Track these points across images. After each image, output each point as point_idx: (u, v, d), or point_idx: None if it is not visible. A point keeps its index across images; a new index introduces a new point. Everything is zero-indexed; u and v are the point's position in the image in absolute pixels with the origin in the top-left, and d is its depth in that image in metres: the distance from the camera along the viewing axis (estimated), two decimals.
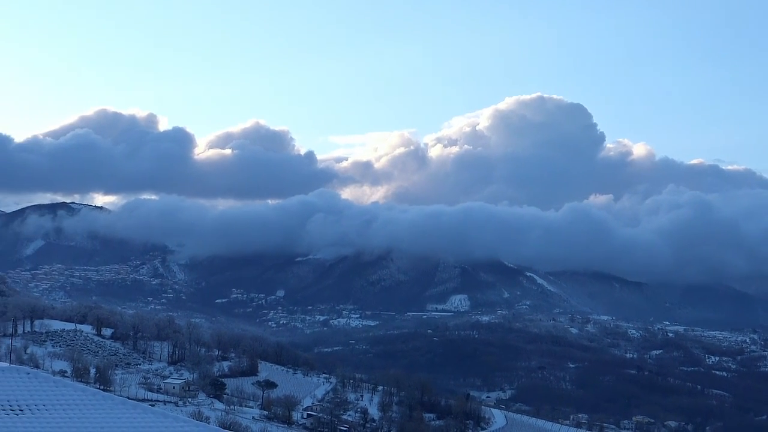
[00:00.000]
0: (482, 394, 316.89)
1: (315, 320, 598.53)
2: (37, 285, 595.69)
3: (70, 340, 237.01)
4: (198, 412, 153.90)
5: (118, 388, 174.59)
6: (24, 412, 24.39)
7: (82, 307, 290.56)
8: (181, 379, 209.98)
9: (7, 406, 24.47)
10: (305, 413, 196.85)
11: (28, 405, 24.79)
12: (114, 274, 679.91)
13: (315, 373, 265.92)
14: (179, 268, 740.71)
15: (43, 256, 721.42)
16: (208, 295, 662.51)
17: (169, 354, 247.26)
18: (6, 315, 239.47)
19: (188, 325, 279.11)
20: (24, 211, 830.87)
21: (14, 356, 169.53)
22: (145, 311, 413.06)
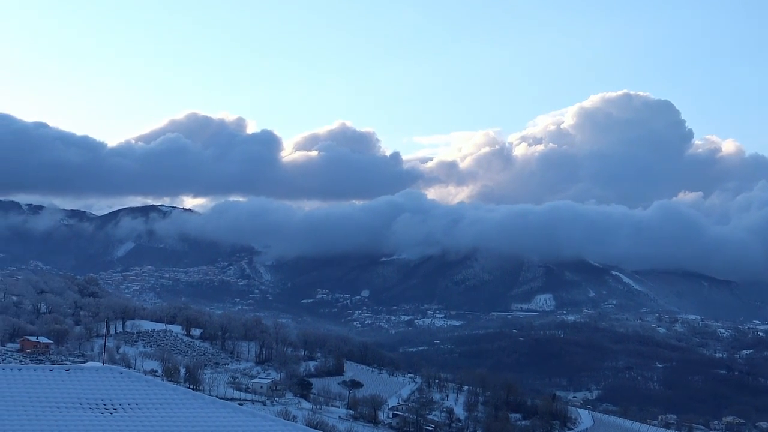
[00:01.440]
0: (568, 394, 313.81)
1: (400, 320, 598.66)
2: (128, 286, 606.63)
3: (160, 340, 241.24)
4: (285, 411, 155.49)
5: (207, 388, 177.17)
6: (117, 411, 25.10)
7: (171, 307, 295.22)
8: (269, 378, 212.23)
9: (101, 405, 25.20)
10: (391, 413, 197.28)
11: (122, 404, 25.51)
12: (202, 275, 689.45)
13: (400, 372, 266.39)
14: (265, 269, 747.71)
15: (133, 258, 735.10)
16: (294, 295, 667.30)
17: (257, 354, 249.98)
18: (99, 316, 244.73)
19: (275, 326, 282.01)
20: (116, 214, 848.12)
21: (107, 356, 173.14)
22: (233, 312, 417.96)
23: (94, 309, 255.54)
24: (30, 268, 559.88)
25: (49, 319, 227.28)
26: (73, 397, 25.33)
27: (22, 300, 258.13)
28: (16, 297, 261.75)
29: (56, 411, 24.44)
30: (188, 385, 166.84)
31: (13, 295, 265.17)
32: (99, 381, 26.52)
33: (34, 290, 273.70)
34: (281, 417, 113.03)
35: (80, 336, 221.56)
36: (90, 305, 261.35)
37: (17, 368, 26.89)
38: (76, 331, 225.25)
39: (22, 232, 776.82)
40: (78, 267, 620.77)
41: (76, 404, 24.98)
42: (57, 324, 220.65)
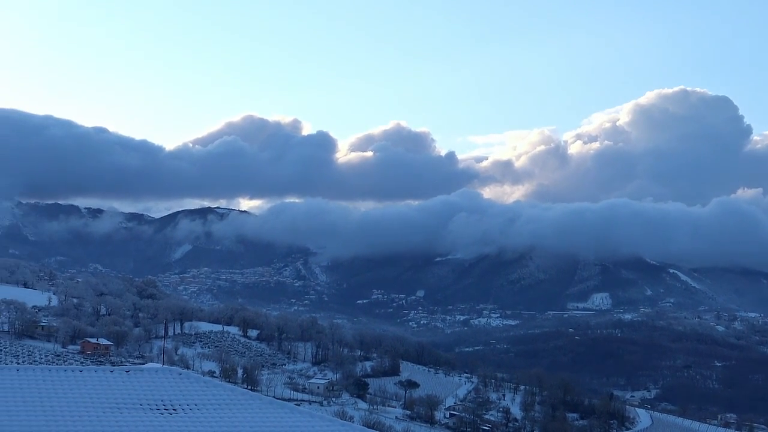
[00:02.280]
0: (626, 394, 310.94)
1: (455, 320, 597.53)
2: (186, 288, 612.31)
3: (217, 341, 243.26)
4: (342, 411, 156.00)
5: (264, 388, 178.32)
6: (177, 412, 25.40)
7: (228, 309, 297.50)
8: (325, 379, 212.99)
9: (161, 406, 25.52)
10: (448, 413, 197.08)
11: (181, 405, 25.81)
12: (258, 276, 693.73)
13: (456, 372, 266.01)
14: (321, 270, 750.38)
15: (190, 260, 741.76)
16: (350, 296, 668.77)
17: (313, 354, 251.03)
18: (157, 317, 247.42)
19: (331, 326, 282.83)
20: (174, 216, 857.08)
21: (166, 357, 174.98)
22: (289, 313, 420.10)
23: (152, 311, 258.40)
24: (90, 270, 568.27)
25: (108, 321, 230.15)
26: (133, 398, 25.67)
27: (82, 302, 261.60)
28: (77, 299, 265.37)
29: (117, 412, 24.79)
30: (246, 385, 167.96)
31: (74, 297, 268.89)
32: (158, 382, 26.85)
33: (94, 293, 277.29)
34: (338, 417, 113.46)
35: (139, 338, 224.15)
36: (149, 307, 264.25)
37: (78, 370, 27.28)
38: (135, 332, 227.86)
39: (82, 236, 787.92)
40: (136, 269, 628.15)
41: (136, 405, 25.31)
42: (116, 326, 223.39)
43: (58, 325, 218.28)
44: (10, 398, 24.49)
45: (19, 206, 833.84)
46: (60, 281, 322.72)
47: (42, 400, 24.72)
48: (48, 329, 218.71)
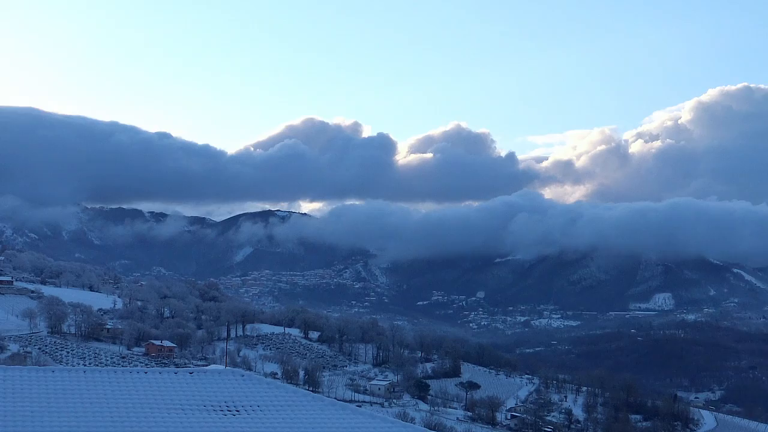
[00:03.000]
0: (690, 395, 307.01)
1: (516, 321, 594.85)
2: (247, 290, 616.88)
3: (279, 343, 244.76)
4: (403, 413, 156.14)
5: (326, 390, 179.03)
6: (240, 413, 25.68)
7: (289, 311, 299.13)
8: (386, 380, 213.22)
9: (224, 407, 25.82)
10: (509, 414, 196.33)
11: (244, 406, 26.08)
12: (319, 278, 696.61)
13: (517, 374, 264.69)
14: (381, 272, 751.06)
15: (252, 263, 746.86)
16: (410, 297, 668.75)
17: (374, 356, 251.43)
18: (220, 320, 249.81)
19: (391, 328, 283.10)
20: (235, 220, 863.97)
21: (228, 359, 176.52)
22: (349, 314, 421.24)
23: (215, 313, 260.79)
24: (153, 274, 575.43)
25: (172, 324, 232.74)
26: (197, 399, 25.97)
27: (146, 305, 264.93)
28: (141, 302, 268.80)
29: (181, 413, 25.10)
30: (307, 387, 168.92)
31: (138, 300, 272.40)
32: (221, 384, 27.14)
33: (157, 295, 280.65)
34: (399, 419, 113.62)
35: (202, 339, 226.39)
36: (211, 309, 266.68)
37: (143, 371, 27.65)
38: (198, 335, 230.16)
39: (146, 239, 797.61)
40: (199, 272, 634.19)
41: (200, 406, 25.60)
42: (180, 328, 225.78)
43: (123, 328, 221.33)
44: (77, 399, 24.93)
45: (85, 211, 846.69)
46: (124, 284, 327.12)
47: (108, 402, 25.11)
48: (113, 331, 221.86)
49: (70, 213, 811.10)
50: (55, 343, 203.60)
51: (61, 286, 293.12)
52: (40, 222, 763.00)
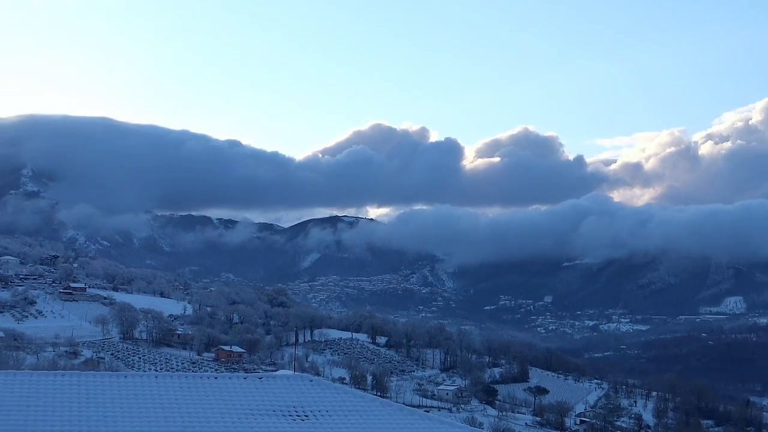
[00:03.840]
0: (763, 400, 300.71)
1: (584, 325, 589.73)
2: (315, 296, 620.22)
3: (347, 348, 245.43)
4: (471, 418, 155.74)
5: (394, 395, 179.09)
6: (309, 418, 25.86)
7: (357, 316, 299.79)
8: (454, 385, 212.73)
9: (293, 412, 26.02)
10: (578, 419, 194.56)
11: (312, 411, 26.26)
12: (386, 283, 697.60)
13: (586, 378, 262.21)
14: (448, 276, 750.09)
15: (319, 268, 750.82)
16: (477, 302, 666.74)
17: (441, 361, 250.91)
18: (288, 325, 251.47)
19: (458, 333, 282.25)
20: (303, 225, 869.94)
21: (297, 364, 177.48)
22: (417, 319, 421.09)
23: (283, 319, 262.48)
24: (222, 280, 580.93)
25: (241, 329, 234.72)
26: (266, 404, 26.22)
27: (216, 311, 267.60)
28: (211, 308, 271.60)
29: (251, 418, 25.36)
30: (375, 392, 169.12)
31: (208, 306, 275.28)
32: (290, 389, 27.36)
33: (226, 301, 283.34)
34: (468, 424, 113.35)
35: (271, 345, 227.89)
36: (279, 315, 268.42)
37: (213, 377, 27.99)
38: (266, 340, 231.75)
39: (215, 246, 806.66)
40: (267, 278, 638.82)
41: (269, 411, 25.85)
42: (249, 334, 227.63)
43: (193, 333, 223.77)
44: (149, 404, 25.33)
45: (155, 218, 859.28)
46: (194, 290, 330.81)
47: (179, 406, 25.47)
48: (184, 337, 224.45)
49: (141, 220, 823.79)
50: (127, 348, 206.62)
51: (133, 292, 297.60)
52: (112, 229, 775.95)
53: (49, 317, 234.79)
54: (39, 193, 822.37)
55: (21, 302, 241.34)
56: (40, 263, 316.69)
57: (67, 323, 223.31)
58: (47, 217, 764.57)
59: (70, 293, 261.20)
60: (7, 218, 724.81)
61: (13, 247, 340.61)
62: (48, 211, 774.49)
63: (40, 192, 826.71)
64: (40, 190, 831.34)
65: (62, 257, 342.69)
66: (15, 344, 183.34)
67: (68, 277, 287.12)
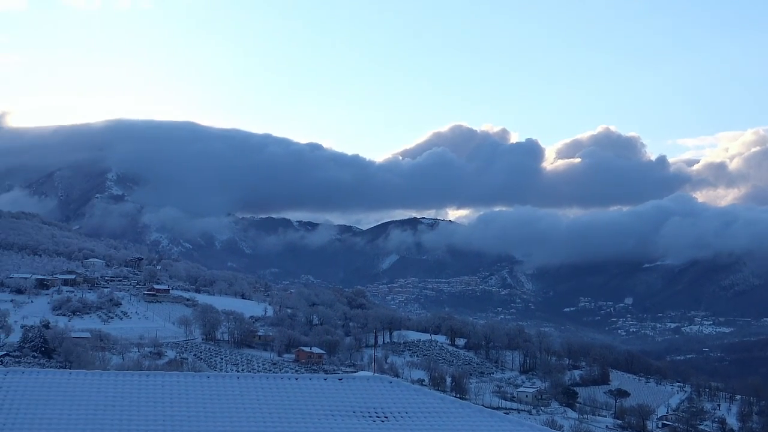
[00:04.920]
0: None
1: (665, 327, 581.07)
2: (394, 297, 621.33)
3: (426, 349, 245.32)
4: (551, 420, 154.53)
5: (473, 397, 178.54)
6: (389, 419, 25.97)
7: (435, 318, 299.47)
8: (534, 387, 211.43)
9: (373, 414, 26.15)
10: (660, 423, 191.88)
11: (392, 412, 26.36)
12: (464, 285, 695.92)
13: (668, 381, 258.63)
14: (527, 278, 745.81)
15: (398, 270, 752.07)
16: (556, 304, 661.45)
17: (521, 363, 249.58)
18: (367, 327, 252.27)
19: (538, 335, 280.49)
20: (382, 227, 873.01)
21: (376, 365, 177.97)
22: (495, 321, 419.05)
23: (362, 320, 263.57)
24: (302, 281, 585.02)
25: (321, 331, 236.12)
26: (346, 405, 26.40)
27: (296, 312, 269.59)
28: (291, 310, 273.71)
29: (331, 419, 25.57)
30: (455, 394, 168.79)
31: (288, 307, 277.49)
32: (370, 390, 27.50)
33: (306, 303, 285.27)
34: (548, 426, 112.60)
35: (350, 346, 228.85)
36: (358, 317, 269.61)
37: (294, 378, 28.26)
38: (346, 341, 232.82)
39: (296, 248, 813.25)
40: (346, 280, 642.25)
41: (349, 412, 26.02)
42: (329, 335, 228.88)
43: (273, 335, 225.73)
44: (231, 404, 25.71)
45: (237, 221, 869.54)
46: (275, 292, 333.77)
47: (261, 407, 25.80)
48: (264, 338, 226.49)
49: (223, 223, 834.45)
50: (210, 349, 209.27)
51: (215, 294, 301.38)
52: (194, 232, 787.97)
53: (133, 318, 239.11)
54: (123, 197, 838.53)
55: (107, 304, 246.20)
56: (125, 265, 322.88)
57: (151, 324, 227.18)
58: (132, 220, 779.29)
59: (154, 295, 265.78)
60: (95, 221, 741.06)
61: (99, 250, 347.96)
62: (133, 215, 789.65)
63: (125, 195, 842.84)
64: (125, 194, 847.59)
65: (146, 259, 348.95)
66: (101, 345, 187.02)
67: (152, 279, 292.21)
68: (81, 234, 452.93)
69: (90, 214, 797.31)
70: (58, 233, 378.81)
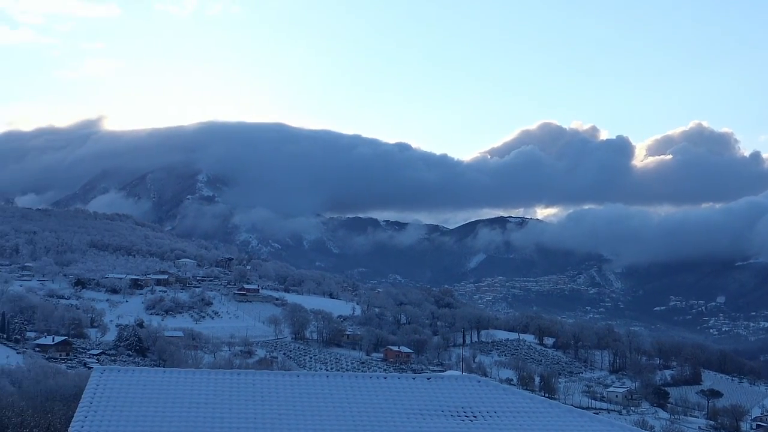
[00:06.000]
0: None
1: (759, 327, 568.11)
2: (481, 297, 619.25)
3: (514, 349, 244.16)
4: (642, 420, 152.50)
5: (562, 396, 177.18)
6: (477, 419, 25.93)
7: (523, 317, 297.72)
8: (624, 387, 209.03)
9: (462, 413, 26.14)
10: (754, 424, 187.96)
11: (481, 412, 26.31)
12: (552, 284, 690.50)
13: (762, 381, 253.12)
14: (615, 277, 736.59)
15: (485, 269, 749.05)
16: (646, 302, 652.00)
17: (610, 363, 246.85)
18: (455, 326, 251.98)
19: (627, 334, 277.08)
20: (470, 226, 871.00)
21: (464, 365, 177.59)
22: (584, 320, 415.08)
23: (450, 319, 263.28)
24: (389, 281, 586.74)
25: (408, 330, 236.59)
26: (435, 404, 26.42)
27: (383, 312, 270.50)
28: (378, 309, 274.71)
29: (420, 418, 25.63)
30: (543, 393, 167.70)
31: (376, 307, 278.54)
32: (458, 389, 27.47)
33: (394, 302, 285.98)
34: (639, 427, 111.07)
35: (438, 346, 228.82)
36: (446, 316, 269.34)
37: (383, 377, 28.36)
38: (434, 341, 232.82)
39: (384, 248, 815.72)
40: (433, 279, 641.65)
41: (438, 412, 26.05)
42: (416, 334, 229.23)
43: (362, 334, 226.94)
44: (321, 403, 25.95)
45: (325, 221, 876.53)
46: (362, 292, 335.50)
47: (350, 405, 25.98)
48: (353, 337, 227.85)
49: (311, 223, 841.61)
50: (299, 348, 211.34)
51: (303, 293, 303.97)
52: (283, 232, 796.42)
53: (224, 318, 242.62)
54: (213, 198, 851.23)
55: (198, 303, 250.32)
56: (215, 265, 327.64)
57: (242, 323, 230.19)
58: (223, 221, 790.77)
59: (244, 294, 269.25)
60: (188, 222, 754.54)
61: (190, 250, 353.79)
62: (225, 215, 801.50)
63: (215, 197, 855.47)
64: (215, 195, 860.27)
65: (236, 260, 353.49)
66: (193, 344, 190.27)
67: (242, 279, 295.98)
68: (173, 235, 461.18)
69: (182, 215, 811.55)
70: (151, 234, 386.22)
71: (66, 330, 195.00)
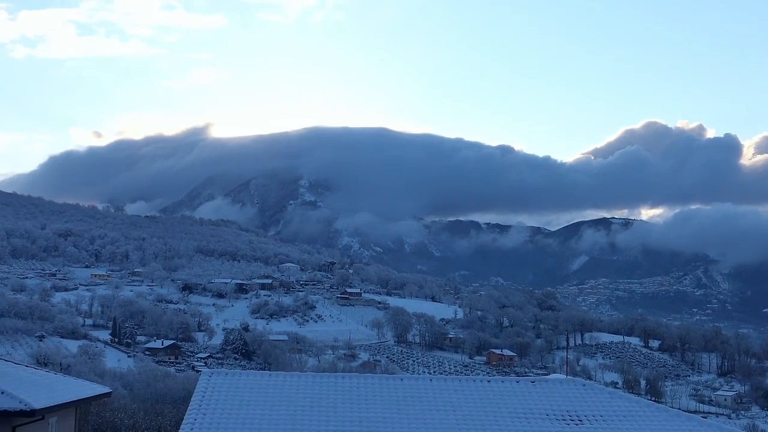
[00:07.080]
0: None
1: None
2: (584, 299, 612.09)
3: (618, 351, 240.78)
4: (752, 425, 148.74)
5: (668, 400, 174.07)
6: (583, 423, 25.66)
7: (628, 319, 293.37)
8: (733, 391, 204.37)
9: (566, 417, 25.90)
10: None
11: (586, 416, 26.03)
12: (657, 285, 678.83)
13: None
14: (722, 278, 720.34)
15: (588, 271, 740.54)
16: (755, 304, 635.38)
17: (718, 365, 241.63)
18: (558, 329, 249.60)
19: (736, 336, 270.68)
20: (573, 228, 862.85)
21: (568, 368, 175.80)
22: (690, 322, 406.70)
23: (552, 322, 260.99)
24: (491, 284, 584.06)
25: (511, 333, 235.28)
26: (539, 408, 26.24)
27: (486, 315, 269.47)
28: (481, 312, 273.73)
29: (524, 421, 25.49)
30: (649, 397, 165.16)
31: (478, 310, 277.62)
32: (563, 393, 27.25)
33: (496, 305, 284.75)
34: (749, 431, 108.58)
35: (541, 348, 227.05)
36: (549, 318, 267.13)
37: (486, 380, 28.27)
38: (537, 343, 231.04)
39: (485, 250, 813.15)
40: (535, 281, 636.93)
41: (542, 415, 25.87)
42: (519, 337, 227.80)
43: (464, 337, 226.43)
44: (425, 406, 26.00)
45: (426, 225, 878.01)
46: (464, 295, 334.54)
47: (454, 408, 25.98)
48: (455, 341, 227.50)
49: (412, 227, 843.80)
50: (402, 351, 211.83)
51: (405, 296, 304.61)
52: (385, 236, 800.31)
53: (327, 321, 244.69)
54: (315, 203, 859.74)
55: (302, 307, 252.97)
56: (318, 270, 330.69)
57: (345, 327, 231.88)
58: (324, 226, 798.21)
59: (346, 298, 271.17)
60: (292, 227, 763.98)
61: (293, 255, 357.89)
62: (326, 220, 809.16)
63: (317, 201, 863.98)
64: (317, 200, 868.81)
65: (338, 264, 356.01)
66: (298, 347, 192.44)
67: (344, 283, 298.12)
68: (276, 240, 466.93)
69: (285, 220, 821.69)
70: (255, 239, 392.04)
71: (174, 334, 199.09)
